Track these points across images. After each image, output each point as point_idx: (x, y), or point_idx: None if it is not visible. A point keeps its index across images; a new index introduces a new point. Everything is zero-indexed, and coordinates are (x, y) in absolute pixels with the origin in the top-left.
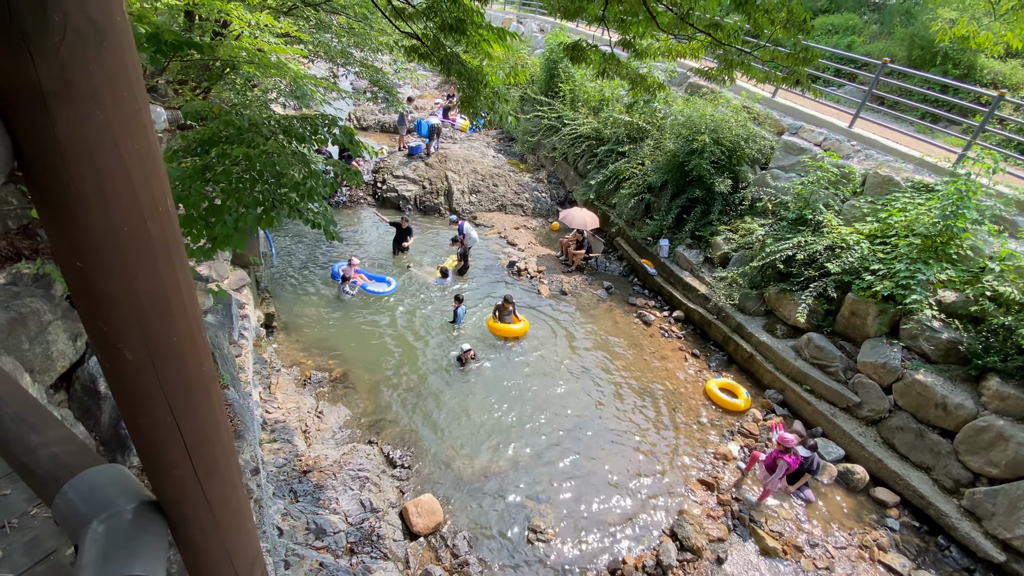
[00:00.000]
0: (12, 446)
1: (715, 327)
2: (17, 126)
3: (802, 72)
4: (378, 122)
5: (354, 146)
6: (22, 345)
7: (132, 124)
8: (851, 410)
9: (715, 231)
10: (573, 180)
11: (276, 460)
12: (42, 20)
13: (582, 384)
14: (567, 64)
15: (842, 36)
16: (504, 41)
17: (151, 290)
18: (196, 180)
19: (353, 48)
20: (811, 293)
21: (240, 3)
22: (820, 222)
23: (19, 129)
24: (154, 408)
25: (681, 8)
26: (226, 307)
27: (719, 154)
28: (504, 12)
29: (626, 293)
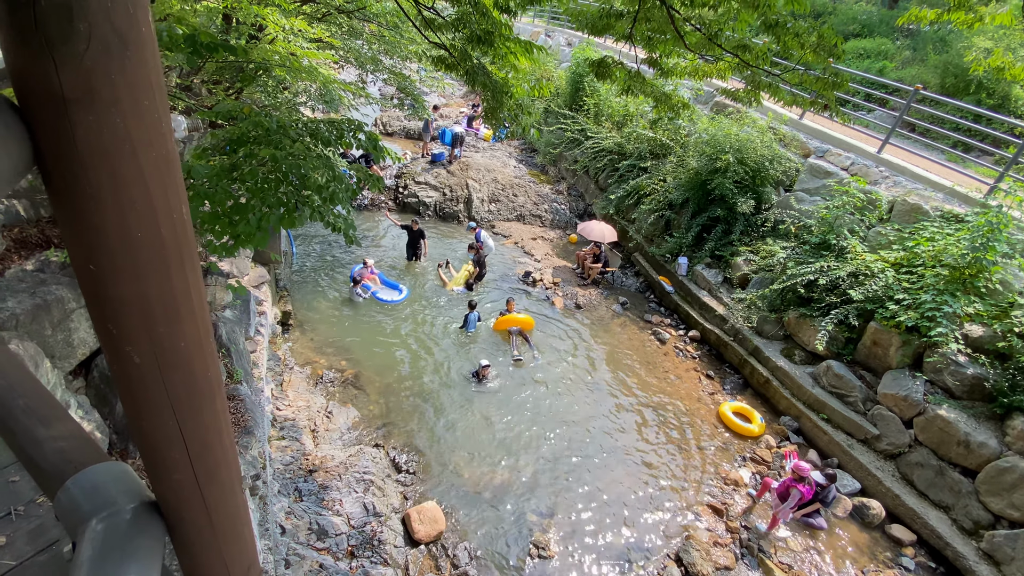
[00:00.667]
0: (20, 438)
1: (731, 349)
2: (38, 131)
3: (831, 97)
4: (403, 128)
5: (378, 151)
6: (45, 331)
7: (151, 132)
8: (869, 442)
9: (735, 251)
10: (593, 193)
11: (283, 458)
12: (67, 28)
13: (593, 400)
14: (592, 79)
15: (874, 60)
16: (530, 54)
17: (161, 295)
18: (223, 178)
19: (383, 55)
20: (832, 320)
21: (276, 8)
22: (844, 248)
23: (40, 134)
24: (158, 411)
25: (709, 29)
26: (244, 303)
27: (743, 174)
28: (533, 25)
29: (642, 310)
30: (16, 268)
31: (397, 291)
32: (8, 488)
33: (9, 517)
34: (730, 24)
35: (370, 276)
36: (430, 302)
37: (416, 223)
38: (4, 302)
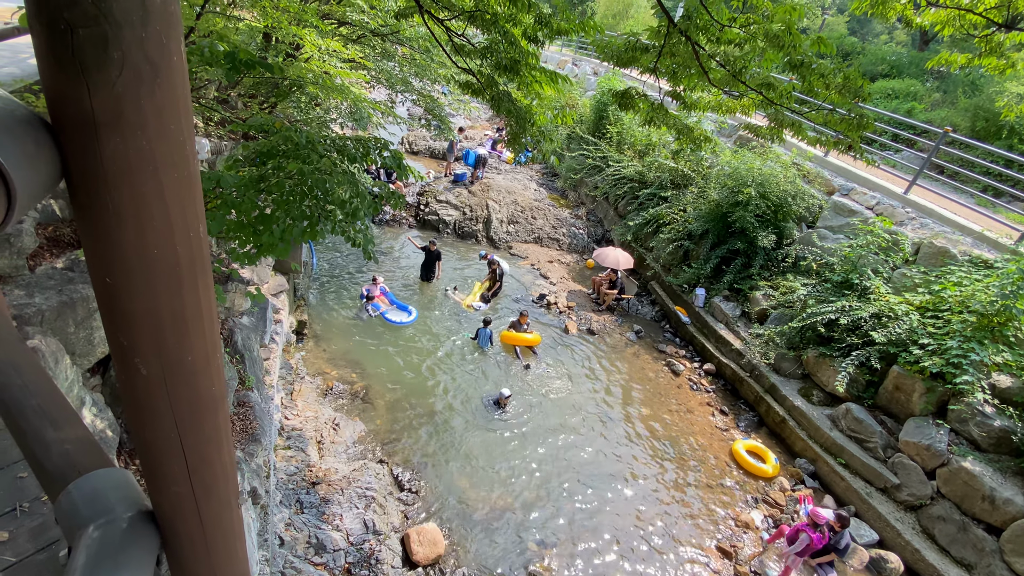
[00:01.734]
0: (30, 438)
1: (747, 385)
2: (67, 150)
3: (856, 138)
4: (428, 148)
5: (401, 170)
6: (68, 328)
7: (175, 154)
8: (889, 492)
9: (755, 285)
10: (612, 220)
11: (288, 468)
12: (102, 56)
13: (603, 429)
14: (616, 108)
15: (902, 101)
16: (555, 84)
17: (173, 310)
18: (251, 188)
19: (413, 77)
20: (853, 361)
21: (313, 29)
22: (867, 288)
23: (69, 153)
24: (161, 423)
25: (734, 66)
26: (262, 311)
27: (764, 208)
28: (560, 54)
29: (656, 339)
30: (47, 265)
31: (406, 313)
32: (15, 484)
33: (14, 513)
34: (755, 62)
35: (379, 296)
36: (443, 323)
37: (434, 244)
38: (32, 298)
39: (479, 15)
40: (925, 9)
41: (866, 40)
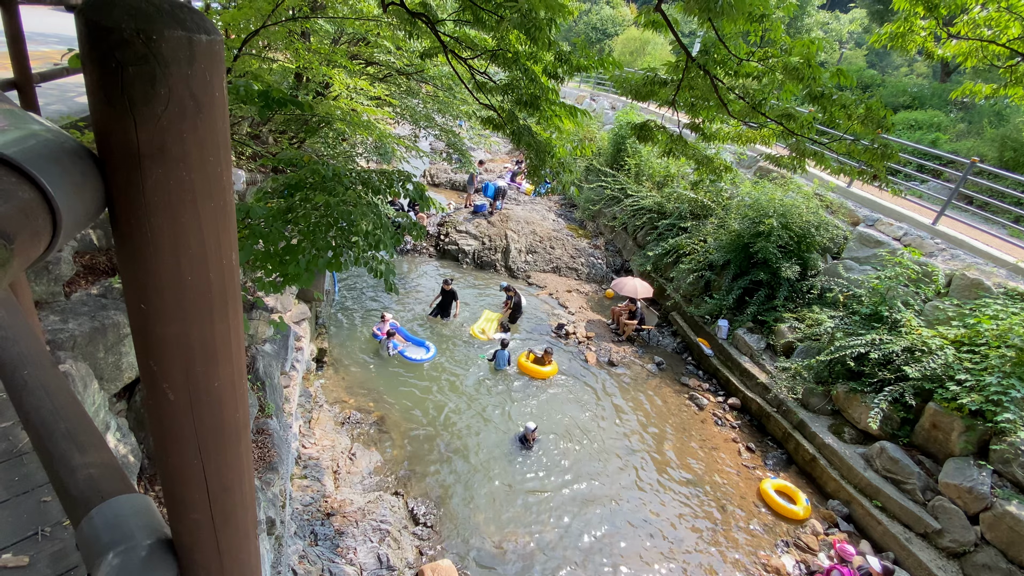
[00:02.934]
0: (56, 462)
1: (774, 421)
2: (112, 181)
3: (880, 167)
4: (449, 180)
5: (423, 201)
6: (98, 353)
7: (212, 185)
8: (929, 537)
9: (779, 317)
10: (631, 250)
11: (303, 497)
12: (150, 92)
13: (624, 465)
14: (634, 140)
15: (926, 132)
16: (574, 118)
17: (202, 336)
18: (278, 220)
19: (436, 113)
20: (886, 397)
21: (342, 69)
22: (898, 321)
23: (113, 183)
24: (184, 449)
25: (753, 98)
26: (284, 338)
27: (787, 239)
28: (579, 89)
29: (678, 371)
30: (82, 292)
31: (424, 349)
32: (39, 508)
33: (35, 537)
34: (774, 94)
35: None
36: (460, 353)
37: (449, 283)
38: (66, 323)
39: (501, 54)
40: (946, 41)
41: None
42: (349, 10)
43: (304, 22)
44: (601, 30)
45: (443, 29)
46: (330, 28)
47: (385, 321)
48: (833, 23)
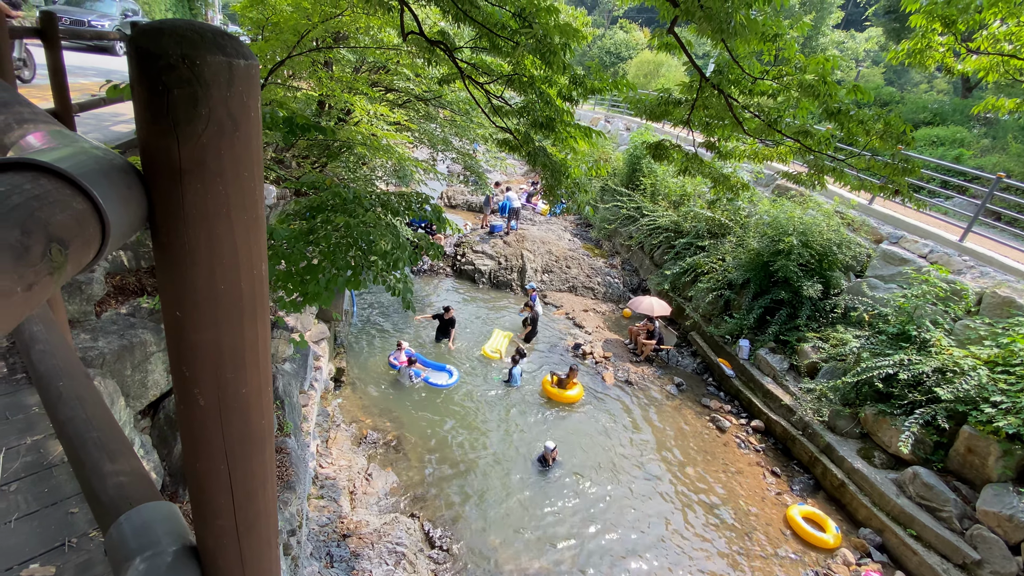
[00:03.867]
0: (88, 470)
1: (800, 444)
2: (154, 195)
3: (902, 183)
4: (466, 202)
5: (440, 222)
6: (125, 371)
7: (246, 198)
8: (969, 568)
9: (802, 337)
10: (648, 269)
11: (320, 518)
12: (192, 113)
13: (644, 488)
14: (649, 160)
15: (949, 148)
16: (589, 139)
17: (232, 343)
18: (300, 241)
19: (453, 137)
20: (917, 420)
21: (363, 96)
22: (927, 340)
23: (155, 197)
24: (212, 455)
25: (769, 116)
26: (303, 357)
27: (808, 257)
28: (593, 112)
29: (699, 393)
30: (112, 311)
31: (447, 374)
32: (66, 519)
33: (62, 548)
34: (790, 111)
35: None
36: (477, 373)
37: (449, 311)
38: (96, 342)
39: (516, 78)
40: (966, 56)
41: (904, 89)
42: (370, 40)
43: (327, 52)
44: (615, 54)
45: (460, 56)
46: (352, 57)
47: (401, 349)
48: (848, 42)
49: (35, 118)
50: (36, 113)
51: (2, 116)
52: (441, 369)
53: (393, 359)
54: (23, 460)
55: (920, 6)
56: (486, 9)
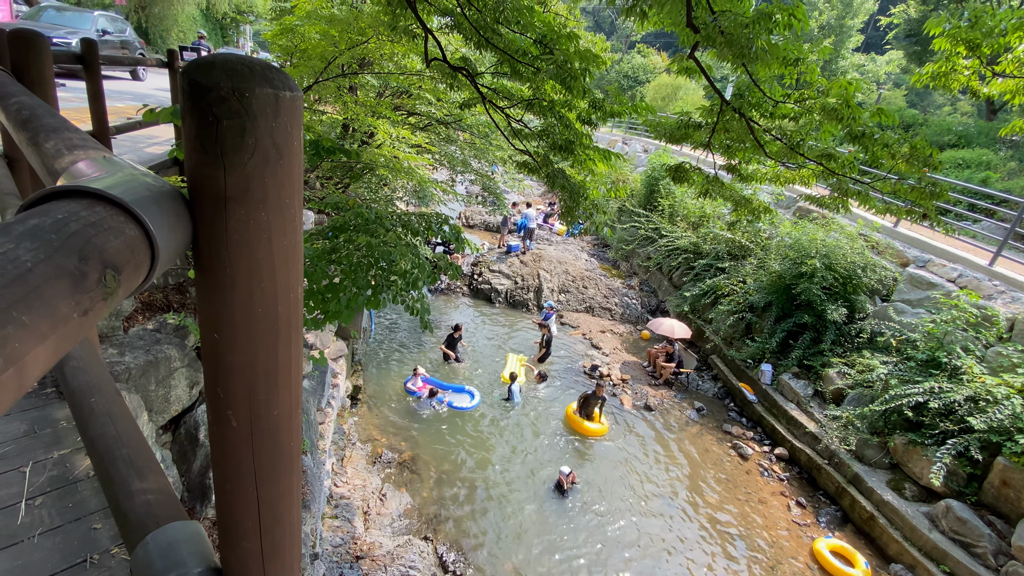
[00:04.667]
0: (117, 487)
1: (826, 474)
2: (199, 220)
3: (930, 207)
4: (483, 222)
5: (459, 242)
6: (149, 386)
7: (286, 224)
8: None
9: (827, 362)
10: (667, 290)
11: (333, 539)
12: (239, 142)
13: (663, 516)
14: (667, 182)
15: (975, 171)
16: (608, 161)
17: (267, 365)
18: (323, 260)
19: (473, 159)
20: (949, 451)
21: (386, 120)
22: (958, 367)
23: (200, 223)
24: (242, 476)
25: (791, 139)
26: (322, 374)
27: (831, 280)
28: (611, 134)
29: (720, 418)
30: (139, 327)
31: (468, 396)
32: (90, 535)
33: (84, 564)
34: (813, 134)
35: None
36: (493, 394)
37: (459, 331)
38: (123, 357)
39: (536, 103)
40: (992, 79)
41: (927, 112)
42: (394, 66)
43: (353, 77)
44: (632, 77)
45: (482, 81)
46: (376, 82)
47: (417, 375)
48: (869, 64)
49: (84, 144)
50: (85, 139)
51: (52, 142)
52: (461, 391)
53: (411, 385)
54: (49, 474)
55: (943, 30)
56: (507, 36)
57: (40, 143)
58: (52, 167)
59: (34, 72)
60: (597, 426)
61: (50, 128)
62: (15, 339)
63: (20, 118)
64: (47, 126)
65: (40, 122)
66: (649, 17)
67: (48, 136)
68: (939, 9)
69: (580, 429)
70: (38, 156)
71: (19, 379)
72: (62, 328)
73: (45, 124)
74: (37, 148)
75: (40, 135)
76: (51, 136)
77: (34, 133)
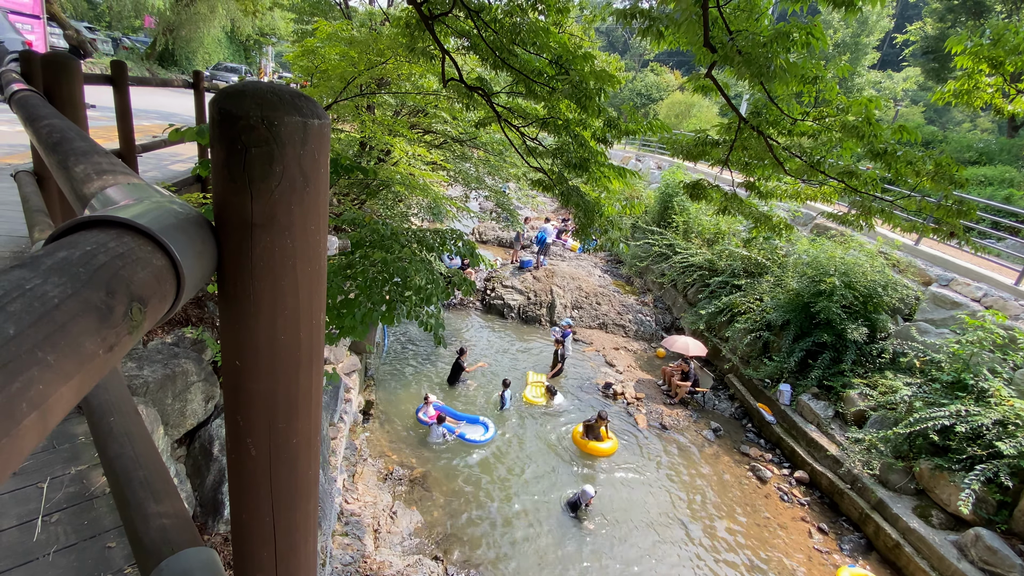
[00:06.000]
0: (132, 509)
1: (848, 499)
2: (225, 247)
3: (957, 225)
4: (497, 237)
5: (473, 258)
6: (166, 399)
7: (311, 250)
8: None
9: (848, 383)
10: (681, 307)
11: (343, 557)
12: (267, 170)
13: (679, 542)
14: (682, 198)
15: (997, 188)
16: (622, 178)
17: (287, 392)
18: (338, 276)
19: (487, 176)
20: (978, 477)
21: (402, 138)
22: (985, 390)
23: (225, 250)
24: (259, 505)
25: (811, 157)
26: (335, 389)
27: (851, 299)
28: (624, 151)
29: (737, 439)
30: (157, 341)
31: (483, 428)
32: (103, 554)
33: None
34: (833, 152)
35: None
36: (506, 415)
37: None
38: (141, 370)
39: (551, 121)
40: (1016, 96)
41: (946, 128)
42: (411, 86)
43: (371, 97)
44: (646, 95)
45: (497, 101)
46: (393, 101)
47: (428, 403)
48: (886, 82)
49: (113, 169)
50: (114, 164)
51: (82, 166)
52: (475, 422)
53: (422, 415)
54: (66, 491)
55: (965, 48)
56: (523, 57)
57: (70, 167)
58: (81, 192)
59: (65, 94)
60: (607, 445)
61: (80, 152)
62: (39, 381)
63: (51, 141)
64: (77, 150)
65: (70, 146)
66: (665, 37)
67: (78, 160)
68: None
69: (588, 450)
70: (67, 180)
71: (42, 423)
72: (87, 366)
73: (75, 148)
74: (67, 172)
75: (70, 159)
76: (80, 160)
77: (64, 156)
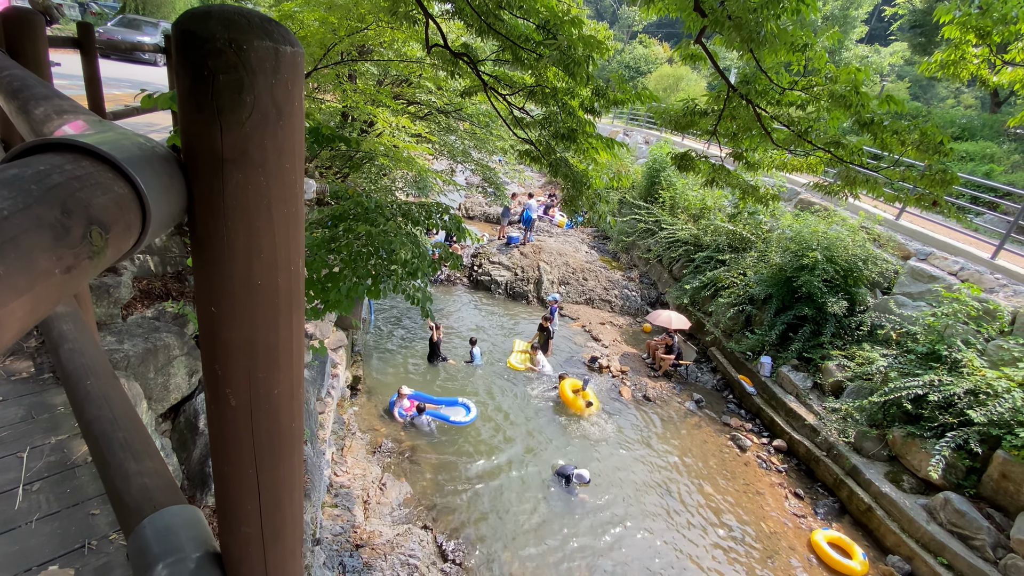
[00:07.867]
0: (112, 470)
1: (824, 466)
2: (195, 185)
3: (940, 193)
4: (483, 213)
5: (460, 232)
6: (148, 374)
7: (287, 191)
8: None
9: (827, 355)
10: (666, 282)
11: (333, 527)
12: (236, 100)
13: (661, 507)
14: (669, 173)
15: (979, 164)
16: (610, 150)
17: (267, 341)
18: (322, 249)
19: (473, 149)
20: (948, 444)
21: (386, 108)
22: (958, 360)
23: (196, 188)
24: (241, 458)
25: (799, 127)
26: (321, 364)
27: (832, 273)
28: (612, 125)
29: (719, 410)
30: (137, 315)
31: (464, 409)
32: (87, 521)
33: (82, 550)
34: (821, 122)
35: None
36: (493, 384)
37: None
38: (122, 344)
39: (539, 90)
40: (1002, 68)
41: (930, 104)
42: (394, 54)
43: (352, 65)
44: (634, 68)
45: (483, 68)
46: (375, 70)
47: (403, 396)
48: (873, 56)
49: (75, 109)
50: (76, 106)
51: (42, 108)
52: (454, 404)
53: (397, 409)
54: (47, 459)
55: (953, 17)
56: (510, 22)
57: (30, 110)
58: (40, 132)
59: (29, 52)
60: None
61: (40, 96)
62: None
63: (11, 88)
64: (37, 94)
65: (31, 92)
66: (655, 3)
67: (38, 103)
68: None
69: (567, 401)
70: (27, 123)
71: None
72: (41, 283)
73: (35, 92)
74: (27, 116)
75: (30, 103)
76: (41, 103)
77: (24, 101)
